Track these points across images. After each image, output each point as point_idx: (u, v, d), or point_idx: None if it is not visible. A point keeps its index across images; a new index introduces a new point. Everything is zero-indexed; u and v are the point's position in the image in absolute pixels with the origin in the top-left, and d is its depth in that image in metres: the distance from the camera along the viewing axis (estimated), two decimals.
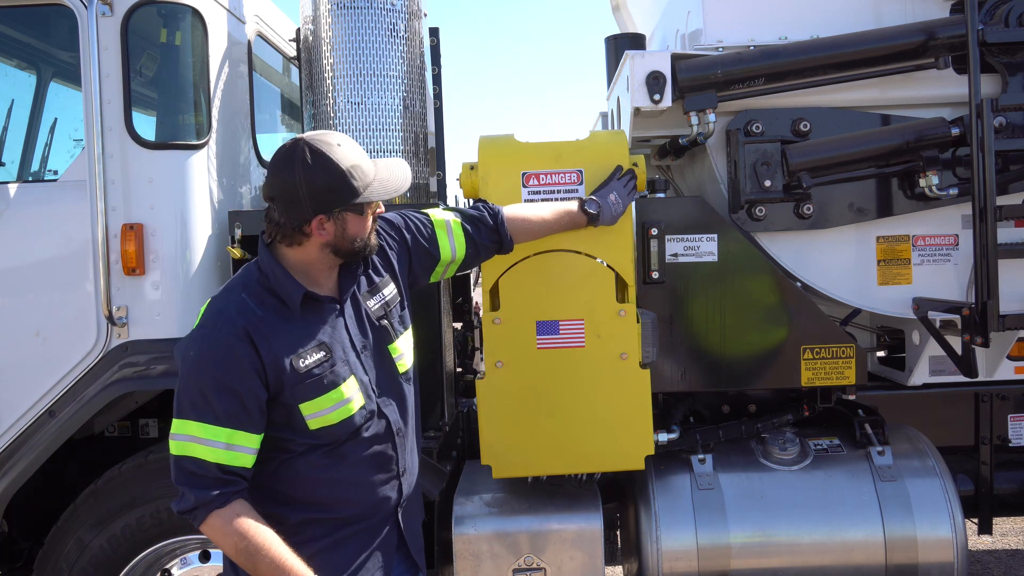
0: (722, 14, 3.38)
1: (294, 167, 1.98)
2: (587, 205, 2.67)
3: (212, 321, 1.99)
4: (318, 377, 2.02)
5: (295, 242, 2.05)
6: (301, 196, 1.98)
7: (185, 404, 1.97)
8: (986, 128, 3.02)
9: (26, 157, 3.58)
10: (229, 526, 1.91)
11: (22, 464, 3.09)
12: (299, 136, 2.03)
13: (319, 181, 1.97)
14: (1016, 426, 3.67)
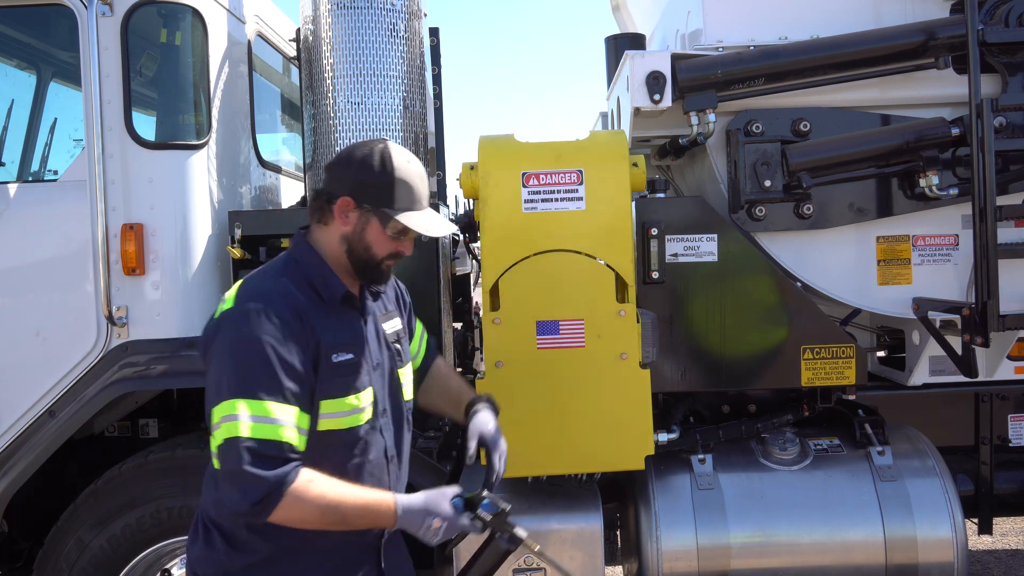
0: (722, 14, 3.38)
1: (365, 151, 2.00)
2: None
3: (261, 298, 1.90)
4: (345, 378, 1.98)
5: (322, 219, 2.04)
6: (349, 172, 1.99)
7: (249, 382, 1.83)
8: (986, 128, 3.02)
9: (26, 157, 3.58)
10: (309, 493, 1.83)
11: (22, 464, 3.09)
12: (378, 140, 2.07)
13: (371, 172, 1.98)
14: (1016, 426, 3.67)
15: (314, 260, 2.03)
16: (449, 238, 3.59)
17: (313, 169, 3.44)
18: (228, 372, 1.85)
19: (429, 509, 1.94)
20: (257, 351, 1.83)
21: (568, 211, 2.86)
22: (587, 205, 2.86)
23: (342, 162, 2.03)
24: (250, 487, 1.79)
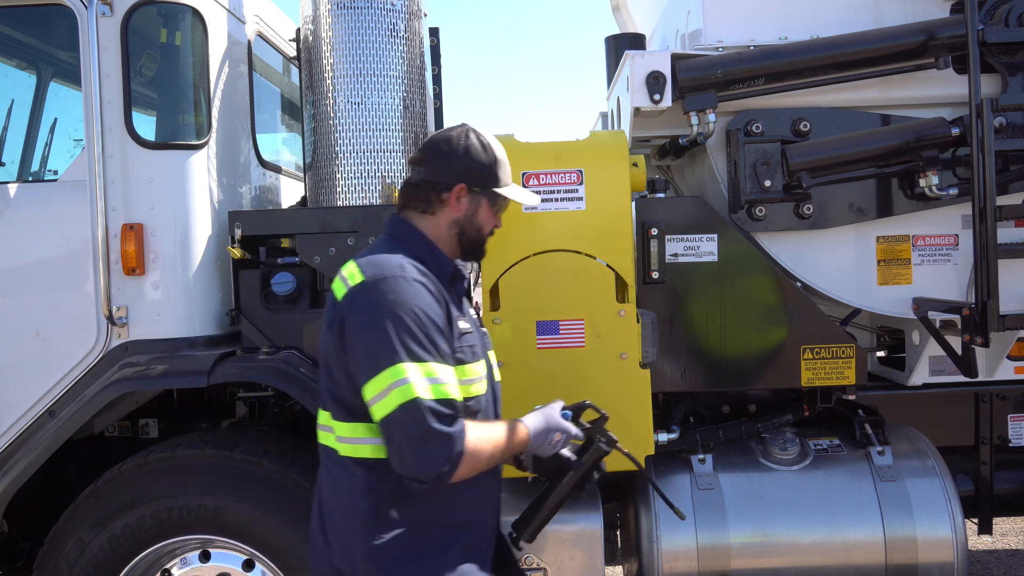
0: (722, 14, 3.38)
1: (462, 137, 2.09)
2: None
3: (395, 267, 1.93)
4: (470, 345, 2.04)
5: (428, 209, 2.08)
6: (457, 160, 2.06)
7: (410, 346, 1.83)
8: (986, 128, 3.02)
9: (26, 157, 3.58)
10: (478, 442, 1.89)
11: (22, 464, 3.09)
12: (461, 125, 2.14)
13: (479, 156, 2.09)
14: (1016, 426, 3.67)
15: (423, 241, 2.08)
16: None
17: (313, 169, 3.44)
18: (384, 341, 1.84)
19: (550, 426, 2.10)
20: (410, 315, 1.86)
21: (568, 211, 2.86)
22: (587, 205, 2.86)
23: (446, 153, 2.09)
24: (442, 446, 1.82)
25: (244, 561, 3.10)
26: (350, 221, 3.17)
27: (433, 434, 1.81)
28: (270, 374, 3.04)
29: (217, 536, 3.04)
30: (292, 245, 3.25)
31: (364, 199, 3.33)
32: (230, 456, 3.03)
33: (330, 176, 3.36)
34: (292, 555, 2.99)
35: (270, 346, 3.20)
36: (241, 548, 3.06)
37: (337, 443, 2.01)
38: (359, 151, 3.32)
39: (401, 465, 1.86)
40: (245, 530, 3.00)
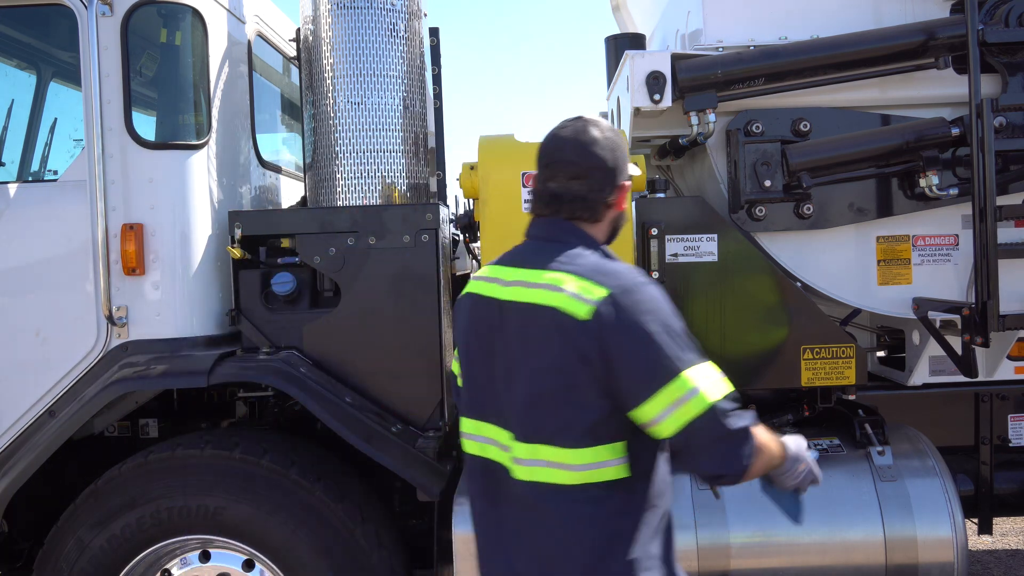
0: (722, 14, 3.38)
1: (602, 139, 1.95)
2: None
3: (634, 273, 1.88)
4: None
5: (596, 217, 1.98)
6: (617, 160, 1.96)
7: (689, 349, 1.79)
8: (986, 128, 3.02)
9: (26, 157, 3.58)
10: (762, 436, 1.88)
11: (22, 464, 3.09)
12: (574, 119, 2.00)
13: (621, 147, 1.98)
14: (1016, 426, 3.67)
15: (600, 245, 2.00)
16: (450, 237, 3.59)
17: (313, 169, 3.44)
18: (661, 353, 1.76)
19: (800, 455, 2.04)
20: (672, 319, 1.81)
21: None
22: None
23: (603, 160, 1.94)
24: (744, 442, 1.80)
25: (244, 561, 3.10)
26: (350, 221, 3.17)
27: (735, 432, 1.80)
28: (270, 374, 3.04)
29: (217, 536, 3.04)
30: (292, 245, 3.25)
31: (364, 199, 3.33)
32: (230, 456, 3.03)
33: (330, 176, 3.36)
34: (292, 555, 2.99)
35: (270, 346, 3.20)
36: (241, 548, 3.06)
37: (570, 474, 1.81)
38: (359, 151, 3.32)
39: (709, 466, 1.82)
40: (245, 530, 3.00)
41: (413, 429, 3.15)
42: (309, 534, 2.98)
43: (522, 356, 1.86)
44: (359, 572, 3.01)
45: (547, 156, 1.98)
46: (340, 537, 3.00)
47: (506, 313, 1.90)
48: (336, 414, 3.03)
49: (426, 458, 3.07)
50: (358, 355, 3.18)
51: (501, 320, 1.91)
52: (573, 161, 1.95)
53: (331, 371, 3.17)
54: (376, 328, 3.16)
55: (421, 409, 3.17)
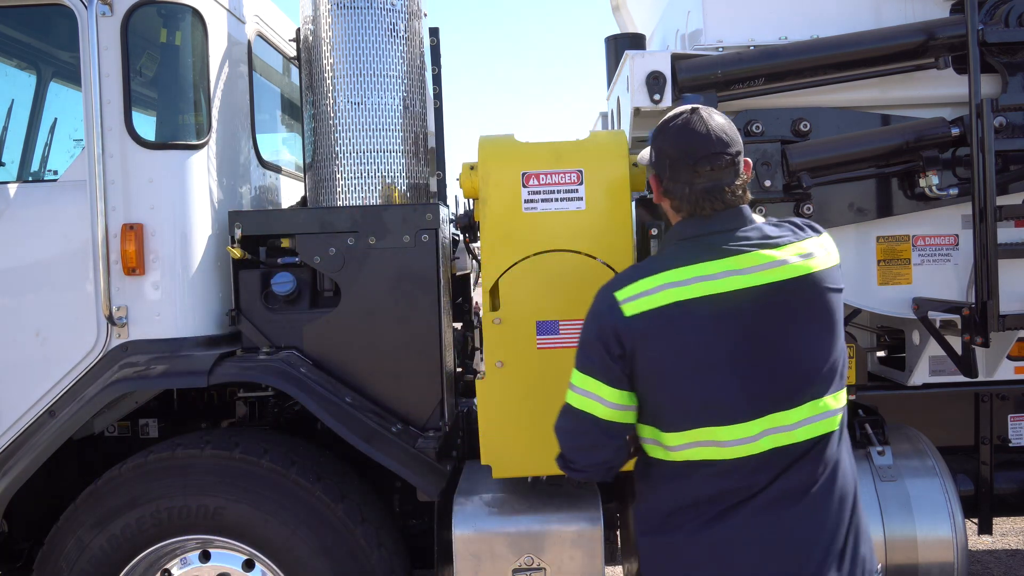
0: (722, 14, 3.38)
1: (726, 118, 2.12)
2: None
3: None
4: None
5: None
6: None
7: None
8: (986, 128, 3.02)
9: (26, 157, 3.58)
10: None
11: (22, 464, 3.09)
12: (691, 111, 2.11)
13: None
14: (1016, 426, 3.67)
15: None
16: (450, 237, 3.59)
17: (313, 169, 3.44)
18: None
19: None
20: None
21: (568, 211, 2.86)
22: (587, 205, 2.86)
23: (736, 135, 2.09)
24: None
25: (244, 561, 3.10)
26: (350, 221, 3.17)
27: None
28: (270, 374, 3.04)
29: (217, 536, 3.04)
30: (292, 245, 3.25)
31: (364, 199, 3.33)
32: (230, 456, 3.03)
33: (330, 176, 3.36)
34: (292, 555, 2.99)
35: (270, 346, 3.20)
36: (241, 548, 3.06)
37: (837, 418, 1.98)
38: (359, 151, 3.32)
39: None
40: (245, 530, 3.00)
41: (413, 429, 3.16)
42: (309, 534, 2.98)
43: (802, 325, 1.93)
44: (359, 572, 3.01)
45: (720, 147, 2.01)
46: (340, 537, 3.00)
47: (762, 298, 1.91)
48: (336, 414, 3.03)
49: (426, 458, 3.07)
50: (358, 355, 3.18)
51: (758, 307, 1.91)
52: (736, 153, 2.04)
53: (331, 371, 3.17)
54: (376, 328, 3.16)
55: (421, 409, 3.17)
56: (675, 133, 2.08)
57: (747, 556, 1.91)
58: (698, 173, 2.01)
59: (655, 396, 1.98)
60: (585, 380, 2.01)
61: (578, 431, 2.05)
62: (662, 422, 1.98)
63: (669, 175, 2.07)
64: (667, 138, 2.11)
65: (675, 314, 1.92)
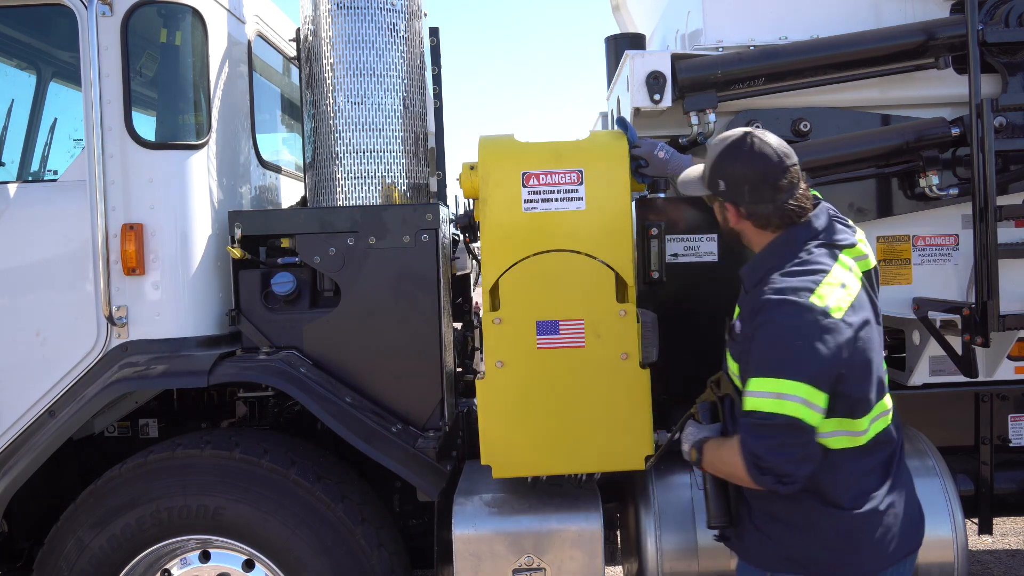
0: (722, 14, 3.38)
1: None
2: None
3: None
4: None
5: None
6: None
7: None
8: (986, 128, 3.02)
9: (26, 157, 3.58)
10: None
11: (22, 464, 3.09)
12: (744, 132, 2.28)
13: None
14: (1016, 426, 3.67)
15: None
16: (450, 237, 3.59)
17: (313, 169, 3.44)
18: None
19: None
20: None
21: (568, 211, 2.86)
22: (587, 205, 2.86)
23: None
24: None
25: (244, 561, 3.10)
26: (350, 221, 3.17)
27: None
28: (270, 374, 3.04)
29: (217, 536, 3.04)
30: (292, 245, 3.25)
31: (364, 199, 3.33)
32: (230, 456, 3.03)
33: (330, 176, 3.36)
34: (292, 555, 2.99)
35: (270, 346, 3.20)
36: (241, 548, 3.06)
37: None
38: (359, 151, 3.32)
39: None
40: (245, 530, 3.01)
41: (413, 429, 3.16)
42: (309, 534, 2.98)
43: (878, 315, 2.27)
44: (359, 572, 3.01)
45: (788, 160, 2.26)
46: (340, 537, 3.00)
47: (864, 284, 2.24)
48: (336, 414, 3.03)
49: (426, 458, 3.07)
50: (358, 355, 3.18)
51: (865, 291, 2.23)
52: (792, 153, 2.32)
53: (331, 371, 3.17)
54: (376, 328, 3.16)
55: (421, 409, 3.17)
56: (748, 159, 2.24)
57: (911, 495, 2.31)
58: (780, 189, 2.23)
59: (860, 387, 2.15)
60: (798, 387, 2.04)
61: (793, 442, 2.07)
62: (856, 410, 2.15)
63: (749, 199, 2.26)
64: (741, 165, 2.26)
65: (860, 305, 2.16)
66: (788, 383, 2.04)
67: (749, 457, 2.08)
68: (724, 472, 2.26)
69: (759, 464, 2.07)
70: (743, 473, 2.11)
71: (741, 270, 2.36)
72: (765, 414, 2.05)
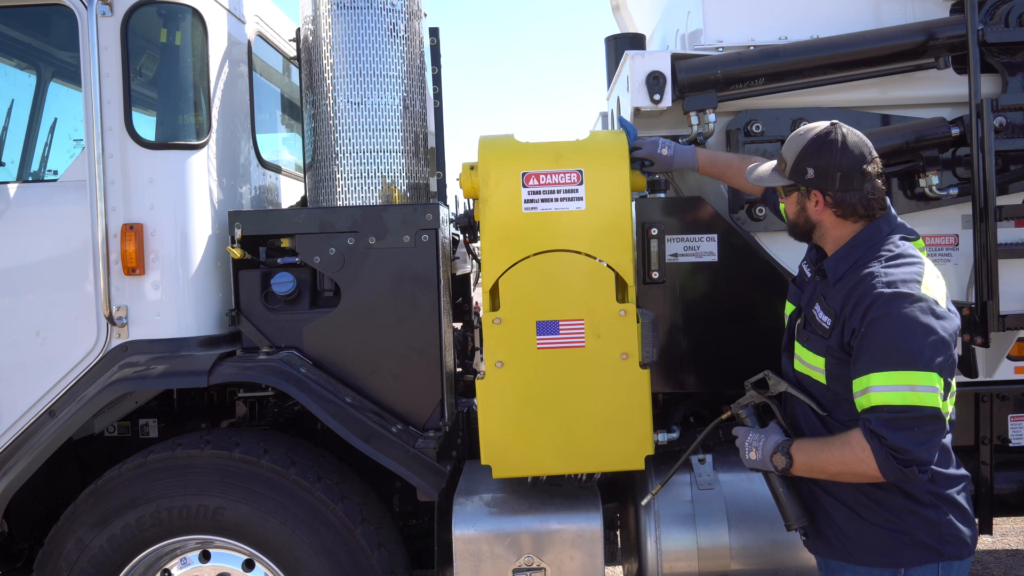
0: (722, 14, 3.38)
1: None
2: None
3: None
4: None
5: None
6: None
7: None
8: (986, 128, 3.03)
9: (26, 157, 3.58)
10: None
11: (22, 464, 3.08)
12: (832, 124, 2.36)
13: None
14: (1016, 426, 3.66)
15: None
16: (450, 237, 3.59)
17: (313, 169, 3.44)
18: None
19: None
20: None
21: (568, 211, 2.86)
22: (587, 205, 2.86)
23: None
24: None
25: (244, 561, 3.10)
26: (350, 221, 3.17)
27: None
28: (270, 374, 3.04)
29: (217, 536, 3.04)
30: (292, 245, 3.25)
31: (364, 199, 3.33)
32: (230, 456, 3.03)
33: (330, 176, 3.36)
34: (292, 555, 2.99)
35: (270, 346, 3.20)
36: (241, 548, 3.06)
37: None
38: (359, 151, 3.32)
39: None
40: (245, 530, 3.01)
41: (413, 429, 3.16)
42: (309, 534, 2.98)
43: None
44: (359, 572, 3.01)
45: (873, 151, 2.35)
46: (340, 537, 3.00)
47: None
48: (336, 414, 3.03)
49: (426, 458, 3.07)
50: (358, 355, 3.18)
51: None
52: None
53: (331, 371, 3.17)
54: (376, 328, 3.16)
55: (421, 409, 3.17)
56: (841, 149, 2.32)
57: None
58: (867, 177, 2.32)
59: (953, 371, 2.22)
60: (930, 377, 2.10)
61: (933, 430, 2.13)
62: (947, 393, 2.18)
63: (839, 186, 2.32)
64: (833, 153, 2.33)
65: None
66: (921, 375, 2.09)
67: (887, 452, 2.10)
68: (835, 472, 2.26)
69: (901, 457, 2.09)
70: (872, 470, 2.13)
71: (824, 262, 2.41)
72: (900, 407, 2.09)
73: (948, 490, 2.27)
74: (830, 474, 2.29)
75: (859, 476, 2.21)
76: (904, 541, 2.26)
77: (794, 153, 2.38)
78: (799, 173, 2.37)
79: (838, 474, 2.26)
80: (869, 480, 2.21)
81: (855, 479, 2.24)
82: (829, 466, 2.26)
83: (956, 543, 2.27)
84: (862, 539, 2.32)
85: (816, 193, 2.36)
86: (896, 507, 2.27)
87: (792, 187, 2.42)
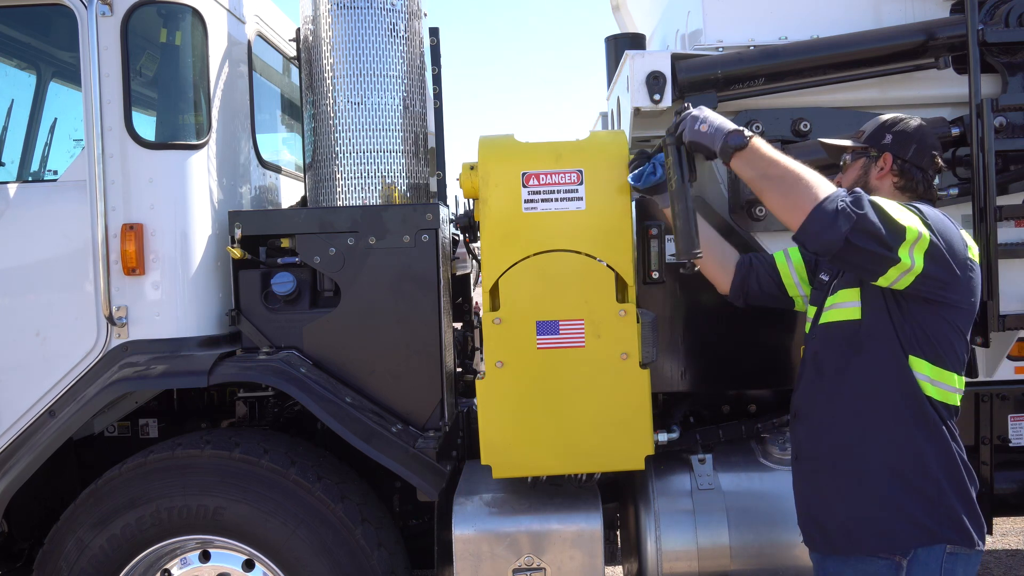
0: (722, 14, 3.38)
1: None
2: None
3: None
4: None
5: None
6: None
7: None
8: (986, 128, 3.03)
9: (26, 157, 3.58)
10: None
11: (22, 464, 3.08)
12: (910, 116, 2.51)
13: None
14: (1016, 426, 3.66)
15: None
16: (450, 237, 3.59)
17: (313, 169, 3.44)
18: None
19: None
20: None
21: (568, 211, 2.86)
22: (587, 205, 2.86)
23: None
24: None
25: (244, 561, 3.10)
26: (350, 221, 3.17)
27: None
28: (270, 374, 3.04)
29: (217, 536, 3.04)
30: (292, 245, 3.25)
31: (364, 199, 3.33)
32: (230, 456, 3.03)
33: (330, 176, 3.36)
34: (292, 555, 2.99)
35: (270, 346, 3.20)
36: (241, 548, 3.06)
37: None
38: (359, 151, 3.32)
39: None
40: (245, 530, 3.01)
41: (413, 429, 3.16)
42: (309, 534, 2.98)
43: None
44: (359, 572, 3.01)
45: (937, 144, 2.54)
46: (340, 537, 3.00)
47: None
48: (336, 414, 3.03)
49: (426, 458, 3.07)
50: (358, 355, 3.18)
51: None
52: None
53: (331, 371, 3.17)
54: (376, 328, 3.16)
55: (421, 409, 3.18)
56: (921, 130, 2.49)
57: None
58: (934, 164, 2.49)
59: (966, 344, 2.33)
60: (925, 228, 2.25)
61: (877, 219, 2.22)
62: (959, 367, 2.31)
63: (912, 156, 2.45)
64: (914, 130, 2.49)
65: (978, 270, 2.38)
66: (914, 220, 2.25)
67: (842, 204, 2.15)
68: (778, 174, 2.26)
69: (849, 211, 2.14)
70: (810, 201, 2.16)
71: None
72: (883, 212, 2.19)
73: (951, 471, 2.30)
74: (771, 177, 2.27)
75: (793, 195, 2.21)
76: (898, 519, 2.26)
77: (876, 124, 2.53)
78: (876, 138, 2.50)
79: (779, 178, 2.25)
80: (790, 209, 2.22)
81: (781, 198, 2.25)
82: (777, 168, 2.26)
83: (954, 527, 2.25)
84: (857, 524, 2.32)
85: (887, 157, 2.47)
86: (897, 485, 2.29)
87: (863, 152, 2.51)
